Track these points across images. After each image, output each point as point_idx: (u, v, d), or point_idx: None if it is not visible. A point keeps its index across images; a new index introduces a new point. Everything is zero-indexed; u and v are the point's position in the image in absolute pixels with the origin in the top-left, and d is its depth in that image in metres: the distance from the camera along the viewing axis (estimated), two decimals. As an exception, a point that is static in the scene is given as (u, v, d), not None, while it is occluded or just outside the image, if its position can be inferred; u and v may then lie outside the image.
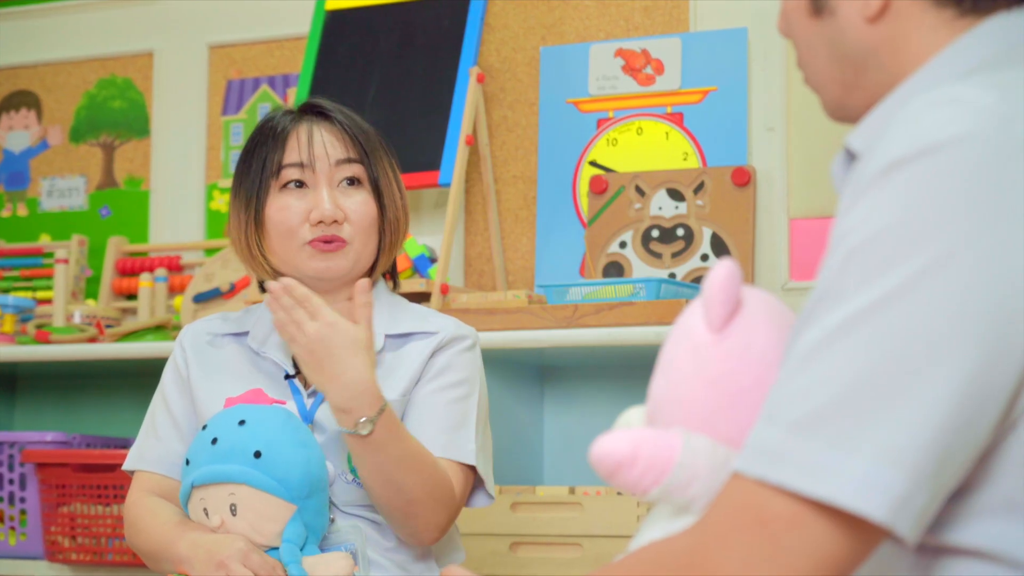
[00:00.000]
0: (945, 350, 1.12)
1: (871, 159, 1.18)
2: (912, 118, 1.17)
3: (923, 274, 1.12)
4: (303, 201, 2.15)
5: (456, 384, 2.16)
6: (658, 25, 3.29)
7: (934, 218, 1.13)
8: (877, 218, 1.14)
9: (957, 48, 1.26)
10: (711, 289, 1.31)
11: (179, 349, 2.24)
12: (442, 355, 2.17)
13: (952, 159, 1.13)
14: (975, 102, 1.16)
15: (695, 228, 3.11)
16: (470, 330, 2.22)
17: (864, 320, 1.13)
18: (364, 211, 2.16)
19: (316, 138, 2.16)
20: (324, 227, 2.14)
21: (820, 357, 1.14)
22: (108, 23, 3.81)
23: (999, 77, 1.21)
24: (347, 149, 2.17)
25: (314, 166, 2.16)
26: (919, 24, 1.28)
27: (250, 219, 2.17)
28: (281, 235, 2.15)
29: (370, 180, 2.18)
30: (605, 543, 2.74)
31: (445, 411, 2.14)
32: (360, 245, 2.16)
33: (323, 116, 2.19)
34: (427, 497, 2.06)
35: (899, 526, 1.12)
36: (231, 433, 2.02)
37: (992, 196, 1.13)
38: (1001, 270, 1.13)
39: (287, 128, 2.18)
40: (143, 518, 2.14)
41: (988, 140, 1.14)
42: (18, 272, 3.74)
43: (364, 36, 3.35)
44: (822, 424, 1.13)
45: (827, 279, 1.17)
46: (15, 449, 3.28)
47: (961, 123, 1.14)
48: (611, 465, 1.28)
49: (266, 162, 2.17)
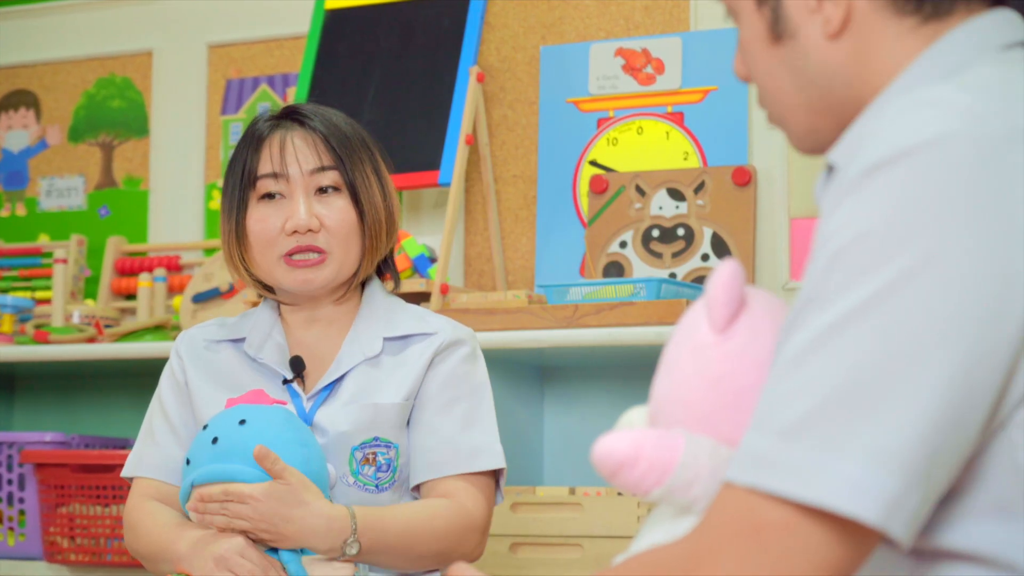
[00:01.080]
0: (932, 349, 1.11)
1: (851, 163, 1.18)
2: (890, 121, 1.17)
3: (907, 275, 1.12)
4: (280, 212, 2.15)
5: (463, 396, 2.16)
6: (658, 24, 3.29)
7: (916, 219, 1.12)
8: (859, 221, 1.14)
9: (930, 56, 1.26)
10: (714, 289, 1.31)
11: (175, 356, 2.24)
12: (443, 366, 2.17)
13: (932, 160, 1.13)
14: (952, 103, 1.16)
15: (696, 228, 3.10)
16: (468, 332, 2.22)
17: (849, 323, 1.13)
18: (341, 218, 2.15)
19: (288, 148, 2.15)
20: (300, 237, 2.13)
21: (807, 361, 1.14)
22: (107, 22, 3.81)
23: (972, 77, 1.21)
24: (320, 157, 2.15)
25: (288, 175, 2.15)
26: (882, 36, 1.27)
27: (231, 230, 2.18)
28: (260, 247, 2.16)
29: (347, 186, 2.16)
30: (605, 544, 2.73)
31: (461, 424, 2.15)
32: (341, 253, 2.15)
33: (299, 123, 2.18)
34: (450, 538, 2.09)
35: (893, 528, 1.12)
36: (232, 432, 2.02)
37: (973, 196, 1.13)
38: (985, 268, 1.12)
39: (263, 136, 2.18)
40: (143, 522, 2.14)
41: (967, 140, 1.14)
42: (17, 272, 3.74)
43: (364, 35, 3.35)
44: (811, 428, 1.13)
45: (811, 283, 1.17)
46: (14, 449, 3.27)
47: (939, 124, 1.14)
48: (613, 465, 1.28)
49: (244, 171, 2.17)
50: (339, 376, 2.17)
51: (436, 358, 2.17)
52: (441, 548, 2.08)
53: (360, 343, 2.18)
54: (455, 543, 2.09)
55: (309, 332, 2.22)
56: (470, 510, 2.11)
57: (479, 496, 2.13)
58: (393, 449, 2.14)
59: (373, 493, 2.13)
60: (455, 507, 2.10)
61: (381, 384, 2.14)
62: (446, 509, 2.10)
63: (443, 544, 2.08)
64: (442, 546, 2.08)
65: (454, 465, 2.12)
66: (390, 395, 2.13)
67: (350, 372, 2.17)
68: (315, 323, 2.22)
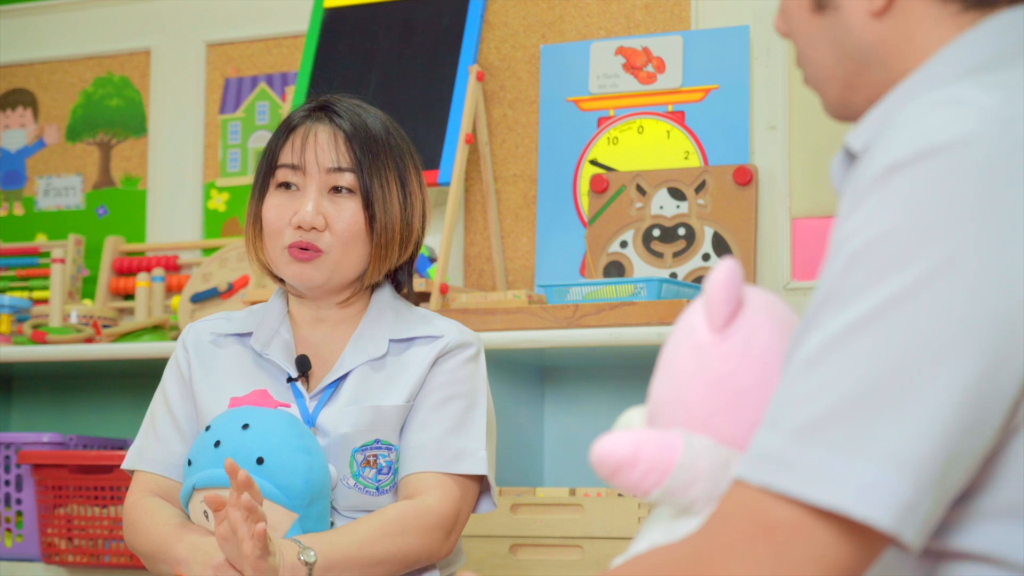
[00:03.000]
0: (949, 354, 1.11)
1: (872, 160, 1.17)
2: (913, 119, 1.16)
3: (926, 278, 1.11)
4: (291, 203, 2.14)
5: (460, 396, 2.15)
6: (659, 23, 3.29)
7: (936, 222, 1.12)
8: (879, 222, 1.14)
9: (958, 46, 1.25)
10: (713, 289, 1.31)
11: (181, 349, 2.23)
12: (445, 365, 2.16)
13: (954, 161, 1.12)
14: (977, 103, 1.15)
15: (696, 227, 3.10)
16: (474, 337, 2.21)
17: (867, 325, 1.12)
18: (349, 222, 2.13)
19: (310, 142, 2.14)
20: (303, 232, 2.12)
21: (823, 362, 1.14)
22: (105, 21, 3.81)
23: (1001, 77, 1.20)
24: (339, 157, 2.14)
25: (305, 169, 2.14)
26: (924, 18, 1.27)
27: (253, 212, 2.18)
28: (269, 234, 2.15)
29: (362, 190, 2.14)
30: (606, 545, 2.73)
31: (449, 424, 2.13)
32: (339, 255, 2.13)
33: (328, 117, 2.17)
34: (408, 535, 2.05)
35: (905, 533, 1.11)
36: (234, 437, 2.01)
37: (994, 198, 1.12)
38: (1004, 273, 1.12)
39: (294, 125, 2.18)
40: (142, 519, 2.13)
41: (990, 142, 1.13)
42: (14, 272, 3.75)
43: (363, 34, 3.35)
44: (826, 430, 1.12)
45: (829, 283, 1.17)
46: (11, 450, 3.27)
47: (963, 125, 1.14)
48: (612, 466, 1.28)
49: (269, 156, 2.17)
50: (341, 376, 2.16)
51: (440, 359, 2.16)
52: (400, 548, 2.04)
53: (365, 344, 2.17)
54: (415, 541, 2.05)
55: (316, 331, 2.21)
56: (432, 508, 2.08)
57: (449, 496, 2.10)
58: (394, 451, 2.13)
59: (373, 495, 2.12)
60: (412, 506, 2.08)
61: (383, 386, 2.13)
62: (400, 509, 2.07)
63: (402, 542, 2.04)
64: (401, 545, 2.04)
65: (433, 463, 2.11)
66: (392, 397, 2.12)
67: (351, 373, 2.16)
68: (322, 323, 2.21)
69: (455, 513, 2.11)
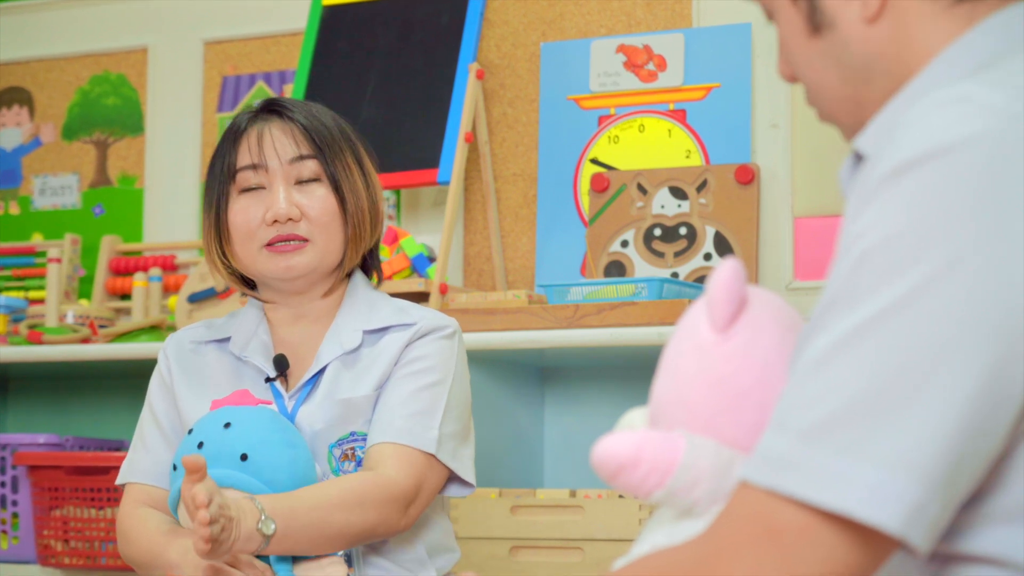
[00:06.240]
0: (957, 355, 1.11)
1: (879, 161, 1.17)
2: (920, 118, 1.16)
3: (934, 279, 1.11)
4: (260, 203, 2.14)
5: (426, 371, 2.14)
6: (660, 21, 3.29)
7: (944, 222, 1.12)
8: (887, 223, 1.13)
9: (960, 46, 1.25)
10: (715, 289, 1.31)
11: (163, 358, 2.25)
12: (416, 343, 2.16)
13: (961, 161, 1.12)
14: (984, 101, 1.15)
15: (698, 227, 3.10)
16: (451, 321, 2.21)
17: (875, 326, 1.12)
18: (323, 207, 2.14)
19: (266, 138, 2.15)
20: (280, 226, 2.13)
21: (831, 364, 1.14)
22: (101, 18, 3.81)
23: (1008, 72, 1.20)
24: (299, 146, 2.15)
25: (267, 166, 2.15)
26: (918, 16, 1.27)
27: (212, 225, 2.18)
28: (241, 239, 2.15)
29: (327, 175, 2.15)
30: (606, 547, 2.73)
31: (410, 397, 2.12)
32: (323, 241, 2.14)
33: (277, 114, 2.18)
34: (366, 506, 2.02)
35: (913, 536, 1.11)
36: (217, 436, 2.02)
37: (1002, 198, 1.12)
38: (1012, 274, 1.11)
39: (242, 129, 2.18)
40: (134, 529, 2.14)
41: (998, 141, 1.13)
42: (10, 272, 3.75)
43: (362, 32, 3.35)
44: (833, 432, 1.12)
45: (837, 285, 1.16)
46: (7, 451, 3.28)
47: (970, 123, 1.13)
48: (614, 467, 1.27)
49: (224, 166, 2.17)
50: (318, 372, 2.16)
51: (412, 343, 2.15)
52: (359, 519, 2.02)
53: (339, 337, 2.18)
54: (373, 514, 2.03)
55: (294, 329, 2.21)
56: (392, 478, 2.06)
57: (410, 469, 2.08)
58: None
59: None
60: (371, 477, 2.06)
61: (356, 378, 2.14)
62: (359, 480, 2.06)
63: (360, 514, 2.02)
64: (359, 516, 2.02)
65: (390, 434, 2.09)
66: (363, 388, 2.13)
67: (327, 368, 2.16)
68: (300, 320, 2.21)
69: (415, 487, 2.09)
